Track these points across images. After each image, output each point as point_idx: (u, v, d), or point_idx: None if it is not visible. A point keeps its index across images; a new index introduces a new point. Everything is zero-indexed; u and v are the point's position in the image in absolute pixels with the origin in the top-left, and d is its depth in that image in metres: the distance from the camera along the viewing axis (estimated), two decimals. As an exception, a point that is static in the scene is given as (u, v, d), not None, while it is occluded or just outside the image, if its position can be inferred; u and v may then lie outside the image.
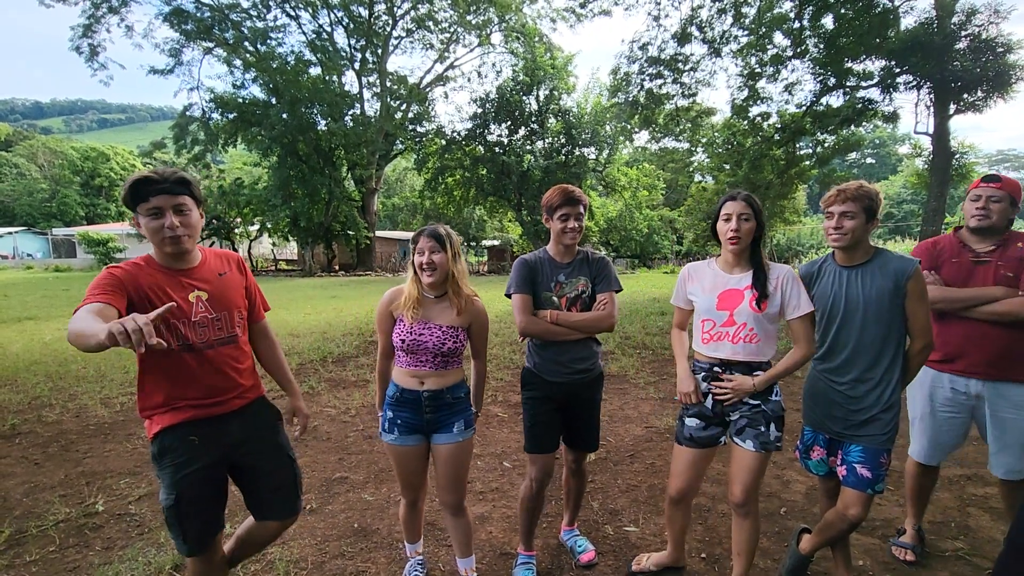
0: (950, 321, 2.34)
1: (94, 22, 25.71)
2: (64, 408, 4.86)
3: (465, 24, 29.00)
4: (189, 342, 1.74)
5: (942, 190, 13.34)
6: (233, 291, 1.90)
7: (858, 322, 2.04)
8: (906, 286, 1.97)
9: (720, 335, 2.09)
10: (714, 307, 2.11)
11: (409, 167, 39.68)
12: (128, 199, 1.69)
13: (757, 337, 2.05)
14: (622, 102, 18.13)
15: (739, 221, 2.04)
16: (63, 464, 3.69)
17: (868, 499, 2.03)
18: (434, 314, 2.12)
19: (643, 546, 2.69)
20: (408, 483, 2.26)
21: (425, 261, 2.05)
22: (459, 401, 2.18)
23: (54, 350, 7.37)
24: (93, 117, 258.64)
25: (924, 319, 2.00)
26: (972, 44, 11.91)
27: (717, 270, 2.18)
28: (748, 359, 2.07)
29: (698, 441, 2.18)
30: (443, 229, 2.11)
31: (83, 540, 2.76)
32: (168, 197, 1.68)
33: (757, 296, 2.03)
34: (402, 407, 2.14)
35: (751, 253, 2.11)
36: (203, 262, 1.86)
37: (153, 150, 32.78)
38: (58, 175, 56.37)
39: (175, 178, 1.71)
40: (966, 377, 2.32)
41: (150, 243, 1.76)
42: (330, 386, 5.56)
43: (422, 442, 2.17)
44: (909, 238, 33.06)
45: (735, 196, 2.07)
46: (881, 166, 71.90)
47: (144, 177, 1.68)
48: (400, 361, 2.16)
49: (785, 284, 2.05)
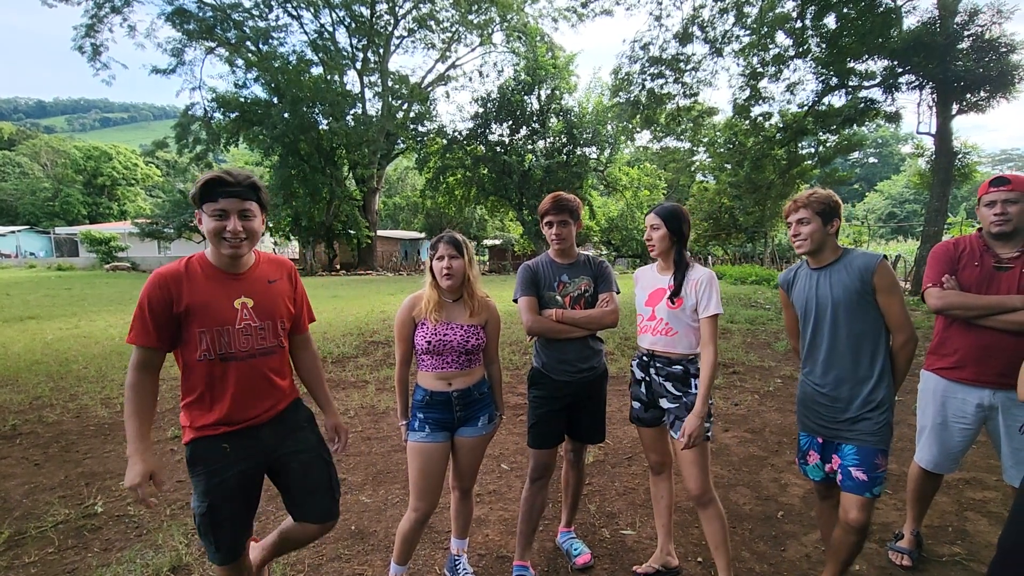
0: (964, 328, 2.27)
1: (97, 22, 25.81)
2: (65, 408, 4.88)
3: (467, 24, 29.02)
4: (232, 350, 1.74)
5: (944, 190, 13.30)
6: (280, 300, 1.88)
7: (829, 322, 2.06)
8: (872, 281, 1.98)
9: (646, 328, 2.36)
10: (643, 303, 2.39)
11: (410, 166, 39.74)
12: (197, 196, 1.69)
13: (673, 330, 2.27)
14: (623, 102, 18.14)
15: (651, 231, 2.32)
16: (63, 465, 3.71)
17: (867, 503, 2.01)
18: (454, 315, 2.21)
19: (639, 549, 2.69)
20: (427, 487, 2.17)
21: (445, 267, 2.14)
22: (484, 396, 2.30)
23: (55, 350, 7.40)
24: (96, 116, 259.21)
25: (900, 312, 1.99)
26: (975, 44, 11.86)
27: (654, 272, 2.43)
28: (665, 350, 2.29)
29: (645, 421, 2.41)
30: (460, 236, 2.21)
31: (82, 541, 2.77)
32: (236, 201, 1.69)
33: (669, 293, 2.27)
34: (432, 409, 2.20)
35: (675, 256, 2.32)
36: (255, 267, 1.85)
37: (155, 149, 32.90)
38: (61, 174, 56.51)
39: (247, 182, 1.71)
40: (979, 387, 2.26)
41: (207, 242, 1.76)
42: (328, 387, 5.55)
43: (448, 440, 2.23)
44: (911, 238, 32.92)
45: (652, 209, 2.36)
46: (884, 165, 71.70)
47: (217, 178, 1.67)
48: (425, 365, 2.22)
49: (699, 285, 2.24)
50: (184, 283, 1.69)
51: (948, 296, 2.25)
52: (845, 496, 2.05)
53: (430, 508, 2.21)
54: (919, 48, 12.11)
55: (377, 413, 4.77)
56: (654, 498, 2.52)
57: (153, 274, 1.70)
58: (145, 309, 1.65)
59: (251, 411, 1.79)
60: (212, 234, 1.69)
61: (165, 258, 32.59)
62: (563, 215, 2.36)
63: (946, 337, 2.37)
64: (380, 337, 7.82)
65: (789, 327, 2.34)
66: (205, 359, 1.71)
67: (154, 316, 1.66)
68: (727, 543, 2.25)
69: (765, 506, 3.11)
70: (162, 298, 1.66)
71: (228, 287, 1.76)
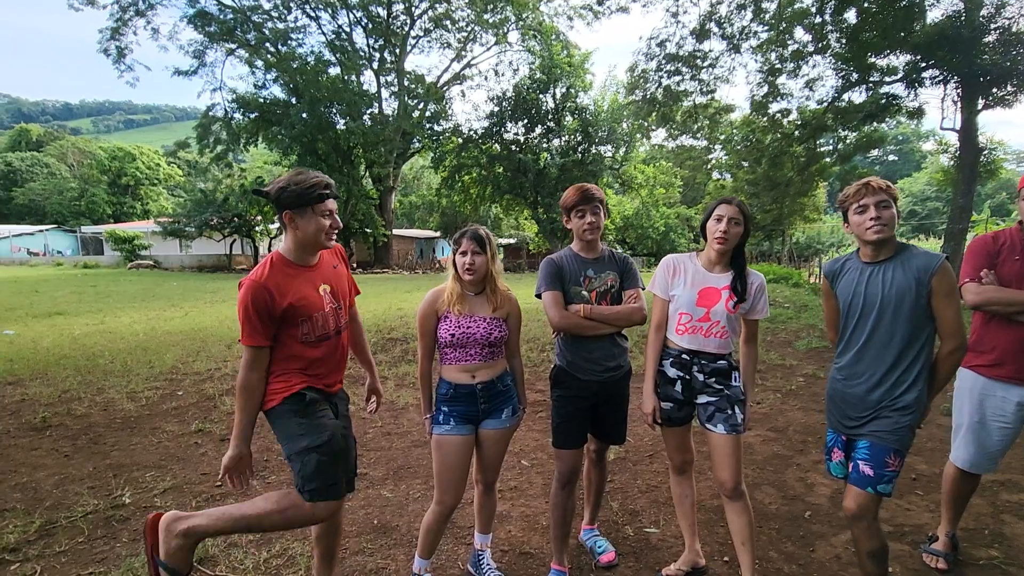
0: (1004, 324, 2.20)
1: (121, 24, 26.30)
2: (92, 401, 4.98)
3: (482, 23, 29.02)
4: (326, 331, 1.97)
5: (969, 187, 12.98)
6: (344, 281, 2.13)
7: (874, 321, 1.93)
8: (930, 283, 1.84)
9: (695, 328, 2.24)
10: (694, 302, 2.23)
11: (426, 165, 39.84)
12: (305, 198, 1.85)
13: (727, 333, 2.22)
14: (639, 99, 18.00)
15: (729, 224, 2.15)
16: (91, 456, 3.78)
17: (867, 497, 1.92)
18: (477, 308, 2.22)
19: (664, 548, 2.66)
20: (452, 480, 2.17)
21: (467, 262, 2.15)
22: (508, 388, 2.31)
23: (83, 344, 7.56)
24: (120, 118, 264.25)
25: (954, 319, 1.87)
26: (1002, 37, 11.56)
27: (699, 266, 2.28)
28: (717, 351, 2.24)
29: (676, 421, 2.34)
30: (483, 231, 2.22)
31: (110, 532, 2.82)
32: (334, 201, 1.94)
33: (735, 299, 2.19)
34: (457, 402, 2.21)
35: (733, 256, 2.25)
36: (321, 257, 2.05)
37: (177, 149, 33.55)
38: (87, 174, 57.79)
39: (334, 184, 1.95)
40: (1020, 385, 2.19)
41: (296, 239, 1.93)
42: (348, 383, 5.53)
43: (472, 432, 2.24)
44: (933, 236, 32.22)
45: (730, 200, 2.20)
46: (904, 163, 70.27)
47: (325, 183, 1.89)
48: (448, 358, 2.23)
49: (757, 291, 2.24)
50: (278, 285, 1.86)
51: (987, 291, 2.19)
52: (847, 487, 2.00)
53: (455, 501, 2.21)
54: (943, 42, 11.82)
55: (396, 409, 4.79)
56: (678, 498, 2.46)
57: (247, 283, 1.84)
58: (251, 313, 1.81)
59: (335, 379, 2.06)
60: (319, 231, 1.89)
61: (187, 256, 33.11)
62: (594, 203, 2.30)
63: (984, 333, 2.30)
64: (398, 334, 7.85)
65: (829, 319, 2.23)
66: (306, 341, 1.92)
67: (261, 319, 1.83)
68: (753, 539, 2.21)
69: (792, 506, 3.05)
70: (262, 302, 1.82)
71: (311, 278, 1.96)
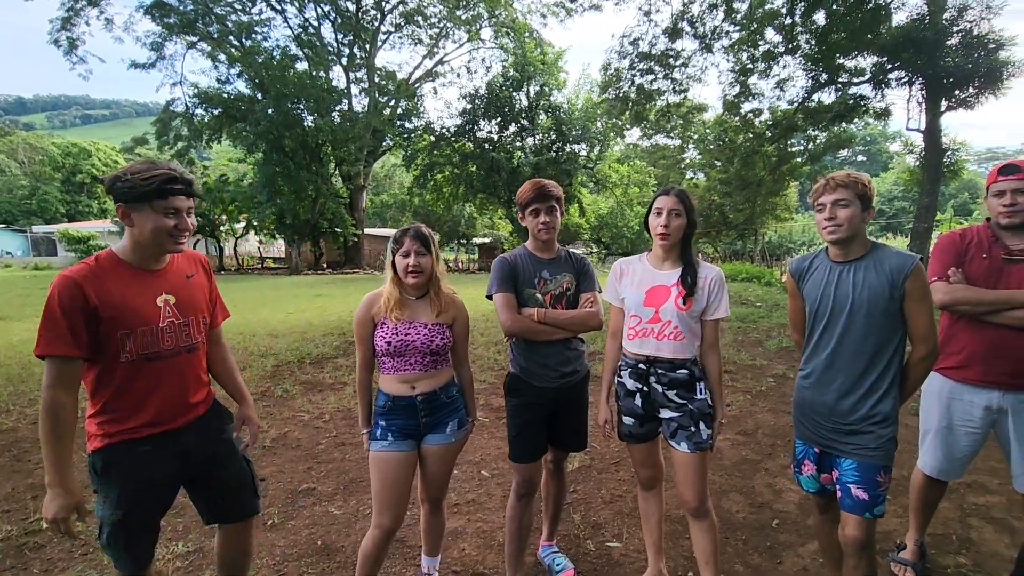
0: (972, 324, 2.12)
1: (73, 15, 25.06)
2: (21, 414, 4.60)
3: (454, 19, 28.66)
4: (156, 350, 1.65)
5: (934, 187, 13.30)
6: (199, 295, 1.82)
7: (843, 325, 1.82)
8: (904, 285, 1.74)
9: (646, 332, 2.06)
10: (641, 303, 2.07)
11: (398, 164, 39.21)
12: (136, 191, 1.56)
13: (682, 335, 2.02)
14: (613, 98, 17.95)
15: (670, 217, 2.01)
16: (12, 476, 3.45)
17: (868, 523, 1.84)
18: (418, 313, 2.04)
19: (627, 563, 2.51)
20: (391, 501, 1.98)
21: (412, 263, 1.97)
22: (453, 400, 2.12)
23: (19, 352, 7.06)
24: (76, 113, 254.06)
25: (927, 323, 1.77)
26: (964, 40, 11.83)
27: (647, 265, 2.15)
28: (672, 356, 2.03)
29: (638, 437, 2.16)
30: (426, 230, 2.03)
31: (21, 561, 2.54)
32: (185, 199, 1.64)
33: (684, 294, 2.00)
34: (395, 415, 2.02)
35: (682, 250, 2.08)
36: (172, 262, 1.77)
37: (135, 146, 32.24)
38: (38, 172, 55.21)
39: (192, 180, 1.66)
40: (987, 388, 2.11)
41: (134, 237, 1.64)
42: (305, 389, 5.33)
43: (414, 448, 2.05)
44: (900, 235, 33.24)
45: (668, 191, 2.05)
46: (872, 163, 72.41)
47: (171, 176, 1.59)
48: (386, 368, 2.04)
49: (712, 285, 2.03)
50: (98, 283, 1.56)
51: (955, 290, 2.10)
52: (844, 515, 1.88)
53: (395, 524, 2.00)
54: (908, 44, 12.06)
55: (353, 417, 4.55)
56: (644, 515, 2.30)
57: (59, 276, 1.54)
58: (56, 314, 1.49)
59: (178, 412, 1.72)
60: (159, 232, 1.60)
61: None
62: (550, 202, 2.15)
63: (952, 334, 2.21)
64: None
65: (794, 320, 2.10)
66: (127, 361, 1.60)
67: (69, 320, 1.50)
68: (717, 558, 2.08)
69: (759, 514, 2.94)
70: (74, 299, 1.51)
71: (149, 284, 1.66)
